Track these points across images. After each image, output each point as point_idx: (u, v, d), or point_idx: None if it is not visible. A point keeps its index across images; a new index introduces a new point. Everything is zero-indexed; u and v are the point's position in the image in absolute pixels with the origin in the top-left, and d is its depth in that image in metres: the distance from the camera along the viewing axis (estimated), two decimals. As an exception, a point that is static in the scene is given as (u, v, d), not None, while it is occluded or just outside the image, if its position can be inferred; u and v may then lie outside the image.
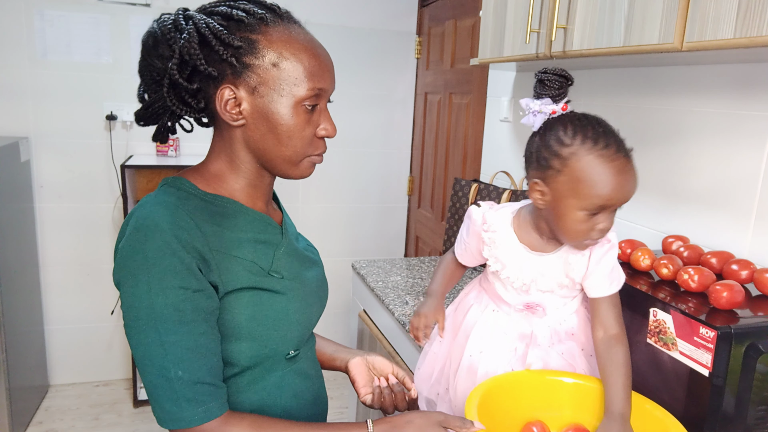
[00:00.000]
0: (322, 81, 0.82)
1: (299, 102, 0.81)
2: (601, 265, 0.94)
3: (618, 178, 0.85)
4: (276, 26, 0.81)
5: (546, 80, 0.90)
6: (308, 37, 0.83)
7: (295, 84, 0.80)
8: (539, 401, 0.94)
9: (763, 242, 1.18)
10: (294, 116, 0.82)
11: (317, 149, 0.86)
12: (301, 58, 0.81)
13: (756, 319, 0.92)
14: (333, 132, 0.86)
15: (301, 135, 0.83)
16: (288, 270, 0.89)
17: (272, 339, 0.85)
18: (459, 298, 1.13)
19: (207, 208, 0.83)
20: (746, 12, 0.89)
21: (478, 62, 1.77)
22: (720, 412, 0.89)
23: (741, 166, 1.23)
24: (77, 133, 2.75)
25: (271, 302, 0.85)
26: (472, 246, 1.06)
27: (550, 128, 0.89)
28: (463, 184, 2.04)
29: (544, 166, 0.89)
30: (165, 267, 0.74)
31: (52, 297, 2.87)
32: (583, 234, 0.89)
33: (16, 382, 2.44)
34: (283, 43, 0.80)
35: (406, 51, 3.15)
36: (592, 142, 0.85)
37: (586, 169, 0.85)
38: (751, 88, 1.20)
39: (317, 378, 0.98)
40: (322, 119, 0.85)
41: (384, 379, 1.02)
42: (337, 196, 3.22)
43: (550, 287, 0.97)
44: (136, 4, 2.71)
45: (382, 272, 1.97)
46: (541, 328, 1.00)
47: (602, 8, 1.19)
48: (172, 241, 0.75)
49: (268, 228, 0.90)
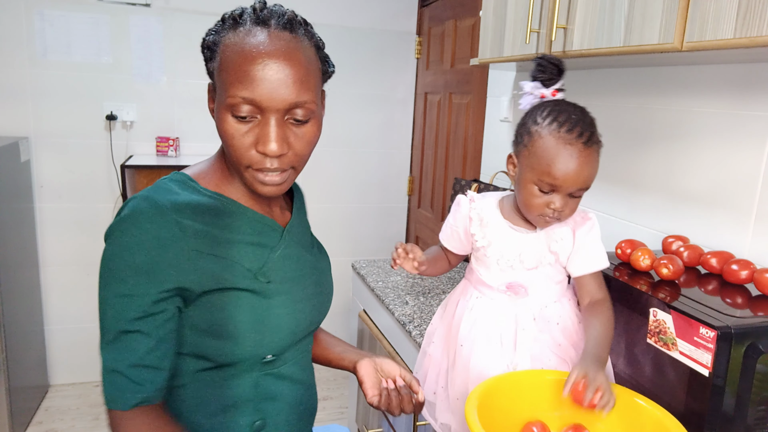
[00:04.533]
0: (247, 90, 0.76)
1: (225, 109, 0.78)
2: (587, 242, 1.00)
3: (569, 161, 0.90)
4: (239, 29, 0.79)
5: (541, 64, 0.97)
6: (259, 42, 0.77)
7: (223, 89, 0.78)
8: (539, 401, 0.94)
9: (763, 242, 1.18)
10: (224, 123, 0.79)
11: (256, 164, 0.80)
12: (235, 63, 0.77)
13: (756, 319, 0.92)
14: (268, 149, 0.78)
15: (233, 144, 0.79)
16: (279, 274, 0.88)
17: (248, 341, 0.84)
18: (448, 296, 1.15)
19: (200, 206, 0.83)
20: (746, 12, 0.89)
21: (478, 62, 1.77)
22: (720, 412, 0.89)
23: (741, 166, 1.23)
24: (77, 133, 2.75)
25: (251, 305, 0.84)
26: (459, 229, 1.09)
27: (535, 109, 0.96)
28: (463, 184, 2.04)
29: (517, 141, 0.98)
30: (126, 265, 0.78)
31: (52, 297, 2.87)
32: (536, 208, 0.95)
33: (16, 382, 2.44)
34: (228, 47, 0.78)
35: (406, 51, 3.15)
36: (557, 124, 0.91)
37: (543, 147, 0.92)
38: (751, 88, 1.20)
39: (303, 383, 0.97)
40: (263, 133, 0.78)
41: (391, 381, 1.01)
42: (337, 196, 3.22)
43: (534, 263, 1.01)
44: (136, 4, 2.71)
45: (382, 272, 1.97)
46: (524, 310, 1.02)
47: (602, 8, 1.19)
48: (147, 238, 0.77)
49: (265, 230, 0.89)
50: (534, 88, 0.98)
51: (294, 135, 0.81)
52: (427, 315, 1.60)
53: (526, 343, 1.01)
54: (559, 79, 0.97)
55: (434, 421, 1.13)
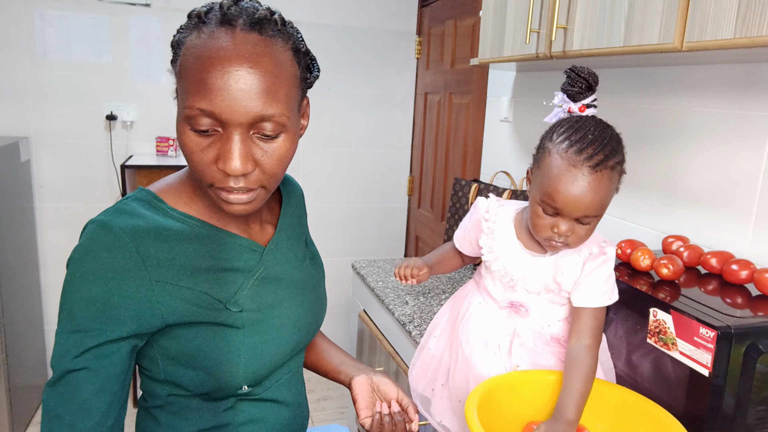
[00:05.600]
0: (205, 101, 0.66)
1: (185, 120, 0.69)
2: (592, 277, 0.93)
3: (570, 184, 0.84)
4: (203, 29, 0.70)
5: (570, 77, 0.91)
6: (220, 46, 0.67)
7: (182, 98, 0.70)
8: (539, 401, 0.94)
9: (763, 242, 1.18)
10: (182, 136, 0.70)
11: (218, 182, 0.71)
12: (193, 69, 0.68)
13: (756, 319, 0.92)
14: (228, 168, 0.68)
15: (193, 159, 0.70)
16: (256, 301, 0.81)
17: (220, 373, 0.78)
18: (456, 293, 1.14)
19: (165, 230, 0.75)
20: (746, 12, 0.89)
21: (478, 62, 1.77)
22: (720, 412, 0.89)
23: (741, 166, 1.23)
24: (77, 133, 2.75)
25: (222, 337, 0.77)
26: (471, 234, 1.07)
27: (557, 124, 0.92)
28: (463, 184, 2.04)
29: (535, 156, 0.94)
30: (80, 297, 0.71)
31: (52, 297, 2.87)
32: (542, 230, 0.90)
33: (16, 382, 2.44)
34: (189, 50, 0.69)
35: (406, 51, 3.15)
36: (568, 143, 0.86)
37: (549, 166, 0.87)
38: (751, 88, 1.20)
39: (289, 405, 0.90)
40: (224, 149, 0.69)
41: (386, 405, 0.94)
42: (337, 195, 3.22)
43: (537, 289, 0.97)
44: (136, 4, 2.71)
45: (382, 272, 1.97)
46: (524, 328, 1.01)
47: (602, 8, 1.19)
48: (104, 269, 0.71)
49: (240, 252, 0.81)
50: (562, 100, 0.92)
51: (262, 151, 0.71)
52: (427, 315, 1.60)
53: (525, 356, 1.00)
54: (588, 94, 0.90)
55: (430, 417, 1.12)
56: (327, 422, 2.79)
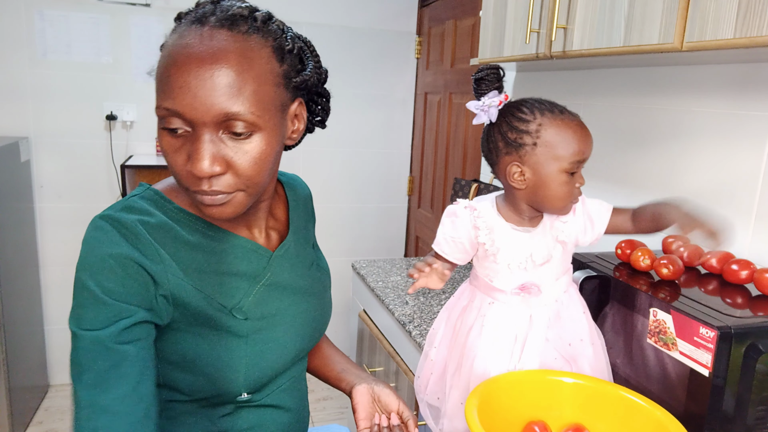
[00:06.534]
0: (169, 100, 0.66)
1: (159, 121, 0.69)
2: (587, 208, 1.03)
3: (583, 131, 0.94)
4: (177, 29, 0.70)
5: (484, 77, 0.98)
6: (186, 44, 0.66)
7: (156, 98, 0.69)
8: (539, 401, 0.94)
9: (763, 242, 1.18)
10: (159, 137, 0.70)
11: (192, 185, 0.69)
12: (161, 68, 0.68)
13: (756, 319, 0.92)
14: (195, 169, 0.66)
15: (169, 161, 0.70)
16: (261, 309, 0.80)
17: (220, 380, 0.77)
18: (451, 302, 1.11)
19: (172, 230, 0.74)
20: (746, 12, 0.89)
21: (478, 62, 1.77)
22: (720, 412, 0.89)
23: (741, 166, 1.23)
24: (77, 133, 2.75)
25: (223, 344, 0.76)
26: (463, 240, 1.03)
27: (506, 115, 0.96)
28: (463, 184, 2.04)
29: (517, 147, 0.95)
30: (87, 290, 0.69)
31: (52, 297, 2.87)
32: (569, 196, 0.97)
33: (16, 382, 2.44)
34: (163, 50, 0.69)
35: (406, 51, 3.15)
36: (549, 111, 0.94)
37: (558, 133, 0.93)
38: (751, 88, 1.20)
39: (290, 410, 0.89)
40: (192, 150, 0.67)
41: (386, 418, 0.92)
42: (337, 196, 3.22)
43: (545, 258, 1.01)
44: (136, 4, 2.71)
45: (382, 272, 1.97)
46: (539, 310, 1.01)
47: (602, 8, 1.19)
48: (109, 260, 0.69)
49: (248, 256, 0.80)
50: (490, 98, 0.97)
51: (234, 152, 0.68)
52: (427, 315, 1.60)
53: (537, 346, 1.00)
54: (503, 82, 0.99)
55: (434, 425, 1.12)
56: (327, 422, 2.79)
